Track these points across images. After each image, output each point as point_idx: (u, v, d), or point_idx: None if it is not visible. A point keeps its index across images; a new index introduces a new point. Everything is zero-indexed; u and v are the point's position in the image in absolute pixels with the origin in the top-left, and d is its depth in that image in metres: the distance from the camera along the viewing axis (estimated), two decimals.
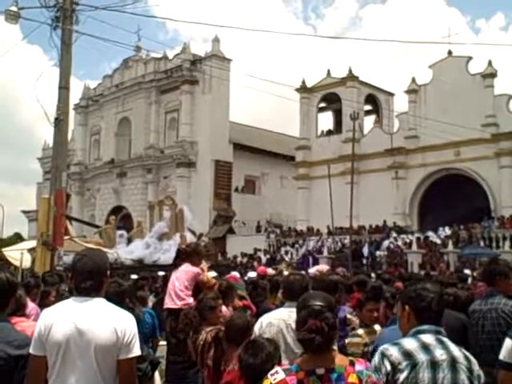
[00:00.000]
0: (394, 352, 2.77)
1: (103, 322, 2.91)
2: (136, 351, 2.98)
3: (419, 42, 59.54)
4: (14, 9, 12.26)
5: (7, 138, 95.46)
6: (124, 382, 2.96)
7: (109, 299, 3.10)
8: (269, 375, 2.66)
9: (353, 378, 2.58)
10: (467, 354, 2.89)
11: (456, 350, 2.84)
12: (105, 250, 18.23)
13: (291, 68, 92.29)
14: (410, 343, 2.81)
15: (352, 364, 2.65)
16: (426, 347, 2.79)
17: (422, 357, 2.74)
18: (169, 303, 6.91)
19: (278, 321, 4.25)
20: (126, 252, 17.83)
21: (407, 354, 2.75)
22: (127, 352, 2.93)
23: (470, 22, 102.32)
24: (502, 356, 3.26)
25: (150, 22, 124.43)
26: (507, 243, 24.06)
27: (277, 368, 2.70)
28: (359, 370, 2.62)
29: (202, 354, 4.80)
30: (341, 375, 2.58)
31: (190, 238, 18.77)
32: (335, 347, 2.76)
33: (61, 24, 11.86)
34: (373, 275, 12.87)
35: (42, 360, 2.90)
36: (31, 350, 2.92)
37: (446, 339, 2.87)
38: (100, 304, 3.00)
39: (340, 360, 2.66)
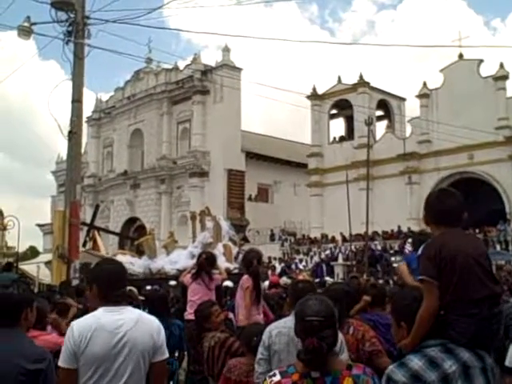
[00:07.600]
0: (401, 377, 2.60)
1: (142, 328, 2.94)
2: (167, 353, 3.07)
3: (429, 45, 59.33)
4: (27, 24, 12.39)
5: (22, 152, 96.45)
6: (159, 382, 3.06)
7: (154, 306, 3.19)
8: (267, 377, 2.66)
9: (348, 381, 2.54)
10: (480, 351, 2.74)
11: (466, 353, 2.68)
12: (124, 259, 18.40)
13: (304, 75, 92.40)
14: (415, 362, 2.65)
15: (349, 368, 2.60)
16: (433, 362, 2.65)
17: (430, 375, 2.59)
18: (190, 314, 6.91)
19: (288, 329, 4.12)
20: (168, 262, 17.97)
21: (415, 376, 2.60)
22: (162, 354, 3.02)
23: (486, 22, 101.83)
24: (507, 362, 3.11)
25: (163, 32, 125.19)
26: None
27: (275, 370, 2.69)
28: (356, 373, 2.57)
29: (208, 361, 4.79)
30: (336, 378, 2.54)
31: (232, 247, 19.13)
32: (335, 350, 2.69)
33: (73, 38, 11.97)
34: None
35: (74, 373, 2.84)
36: (62, 364, 2.85)
37: (453, 346, 2.70)
38: (132, 311, 3.03)
39: (337, 364, 2.62)
